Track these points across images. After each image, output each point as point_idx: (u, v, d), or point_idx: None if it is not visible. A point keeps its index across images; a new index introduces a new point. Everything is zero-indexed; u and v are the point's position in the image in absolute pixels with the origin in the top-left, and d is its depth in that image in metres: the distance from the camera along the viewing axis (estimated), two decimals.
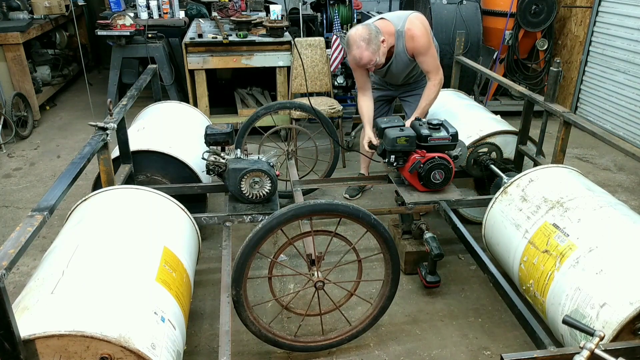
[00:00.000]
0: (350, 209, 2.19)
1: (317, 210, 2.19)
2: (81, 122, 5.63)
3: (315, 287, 2.33)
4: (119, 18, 5.16)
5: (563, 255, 2.27)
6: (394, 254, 2.36)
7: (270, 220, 2.16)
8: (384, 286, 2.46)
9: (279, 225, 2.18)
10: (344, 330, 2.50)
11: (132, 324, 1.72)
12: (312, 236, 2.30)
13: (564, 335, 2.20)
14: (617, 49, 5.07)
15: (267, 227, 2.17)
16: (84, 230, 2.14)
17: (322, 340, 2.47)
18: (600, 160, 4.77)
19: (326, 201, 2.20)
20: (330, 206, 2.18)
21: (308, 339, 2.48)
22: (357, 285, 2.50)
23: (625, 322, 1.92)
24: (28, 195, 4.08)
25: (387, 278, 2.44)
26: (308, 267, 2.39)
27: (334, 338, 2.48)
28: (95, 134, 2.57)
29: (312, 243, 2.31)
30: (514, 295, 2.33)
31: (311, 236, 2.30)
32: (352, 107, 5.77)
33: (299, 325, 2.57)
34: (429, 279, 2.87)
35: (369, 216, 2.23)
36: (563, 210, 2.43)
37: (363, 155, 3.81)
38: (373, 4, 7.46)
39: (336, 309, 2.48)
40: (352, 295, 2.49)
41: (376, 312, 2.49)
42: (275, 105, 3.66)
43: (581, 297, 2.10)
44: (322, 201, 2.20)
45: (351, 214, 2.20)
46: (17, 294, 1.90)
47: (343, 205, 2.19)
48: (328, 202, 2.20)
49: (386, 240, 2.32)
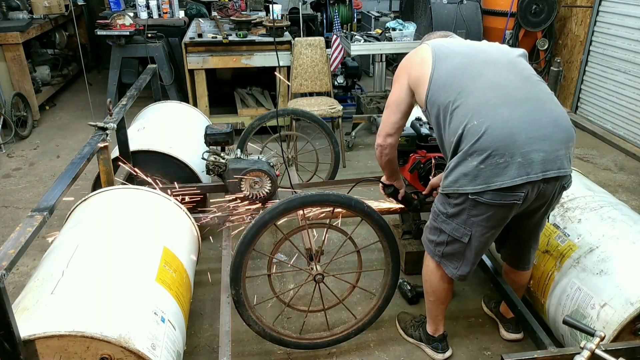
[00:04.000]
0: (342, 199, 2.19)
1: (308, 201, 2.18)
2: (81, 122, 5.62)
3: (315, 280, 2.32)
4: (118, 18, 5.16)
5: (563, 255, 2.27)
6: (392, 241, 2.34)
7: (263, 215, 2.15)
8: (386, 275, 2.45)
9: (272, 219, 2.17)
10: (350, 324, 2.48)
11: (132, 324, 1.72)
12: (307, 229, 2.28)
13: (565, 335, 2.20)
14: (617, 49, 5.07)
15: (260, 222, 2.16)
16: (84, 230, 2.14)
17: (328, 336, 2.45)
18: (600, 160, 4.76)
19: (317, 192, 2.19)
20: (322, 197, 2.18)
21: (314, 336, 2.46)
22: (359, 276, 2.48)
23: (626, 323, 1.92)
24: (27, 195, 4.08)
25: (387, 267, 2.43)
26: (307, 262, 2.39)
27: (340, 333, 2.46)
28: (95, 134, 2.57)
29: (309, 236, 2.30)
30: (514, 295, 2.33)
31: (306, 229, 2.29)
32: (352, 107, 5.77)
33: (303, 323, 2.56)
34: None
35: (361, 204, 2.22)
36: (563, 211, 2.43)
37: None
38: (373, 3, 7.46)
39: (339, 302, 2.47)
40: (355, 287, 2.48)
41: (380, 303, 2.47)
42: (269, 114, 3.69)
43: (582, 297, 2.10)
44: (313, 192, 2.19)
45: (343, 203, 2.20)
46: (17, 294, 1.90)
47: (334, 195, 2.18)
48: (319, 192, 2.19)
49: (382, 227, 2.30)
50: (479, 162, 1.88)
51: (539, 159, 1.86)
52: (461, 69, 2.03)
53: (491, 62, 2.06)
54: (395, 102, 2.19)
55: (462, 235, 2.06)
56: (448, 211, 2.07)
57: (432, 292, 2.33)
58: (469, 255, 2.12)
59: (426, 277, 2.33)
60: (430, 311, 2.42)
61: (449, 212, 2.07)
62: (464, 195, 1.97)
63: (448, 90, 1.99)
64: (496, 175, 1.87)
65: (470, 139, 1.90)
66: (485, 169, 1.88)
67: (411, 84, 2.14)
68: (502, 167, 1.86)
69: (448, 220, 2.09)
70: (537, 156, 1.86)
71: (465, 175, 1.93)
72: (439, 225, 2.14)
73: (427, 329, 2.47)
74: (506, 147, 1.85)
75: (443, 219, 2.11)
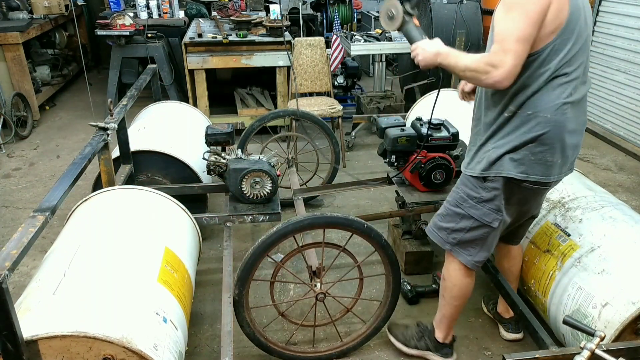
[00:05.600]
0: (364, 228, 2.26)
1: (333, 222, 2.26)
2: (81, 122, 5.62)
3: (317, 298, 2.35)
4: (118, 18, 5.16)
5: (564, 255, 2.27)
6: (397, 277, 2.38)
7: (286, 226, 2.19)
8: (381, 307, 2.48)
9: (293, 232, 2.22)
10: (335, 345, 2.51)
11: (134, 324, 1.72)
12: (322, 247, 2.32)
13: (566, 335, 2.20)
14: (617, 49, 5.08)
15: (281, 231, 2.20)
16: (85, 230, 2.14)
17: (311, 352, 2.49)
18: (600, 160, 4.77)
19: (342, 215, 2.26)
20: (346, 221, 2.25)
21: (298, 349, 2.50)
22: (355, 302, 2.52)
23: (627, 322, 1.93)
24: (27, 196, 4.08)
25: (385, 300, 2.46)
26: (310, 276, 2.40)
27: (323, 351, 2.49)
28: (96, 134, 2.57)
29: (322, 254, 2.32)
30: (515, 295, 2.33)
31: (321, 247, 2.32)
32: (352, 107, 5.77)
33: (292, 334, 2.57)
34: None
35: (380, 237, 2.29)
36: (564, 210, 2.43)
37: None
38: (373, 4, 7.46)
39: (331, 322, 2.49)
40: (349, 311, 2.51)
41: (369, 332, 2.50)
42: (269, 115, 3.69)
43: (583, 296, 2.10)
44: (339, 215, 2.26)
45: (364, 232, 2.27)
46: (18, 295, 1.90)
47: (357, 222, 2.25)
48: (344, 216, 2.26)
49: (392, 263, 2.35)
50: (532, 153, 1.87)
51: (572, 159, 1.98)
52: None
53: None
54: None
55: (493, 220, 2.02)
56: (482, 195, 2.00)
57: (460, 296, 2.23)
58: (491, 240, 2.10)
59: (454, 281, 2.21)
60: (449, 317, 2.31)
61: (483, 196, 1.99)
62: (504, 179, 1.94)
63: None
64: (539, 168, 1.90)
65: (541, 128, 1.84)
66: (534, 160, 1.89)
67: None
68: (548, 165, 1.90)
69: (478, 206, 2.02)
70: (572, 157, 1.97)
71: (513, 161, 1.89)
72: (466, 210, 2.06)
73: (437, 337, 2.39)
74: (562, 149, 1.90)
75: (472, 204, 2.03)
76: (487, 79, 1.75)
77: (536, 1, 1.70)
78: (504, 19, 1.74)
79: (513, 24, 1.71)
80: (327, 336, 2.64)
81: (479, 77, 1.78)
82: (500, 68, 1.71)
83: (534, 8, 1.69)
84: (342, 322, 2.61)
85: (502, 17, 1.75)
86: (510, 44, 1.70)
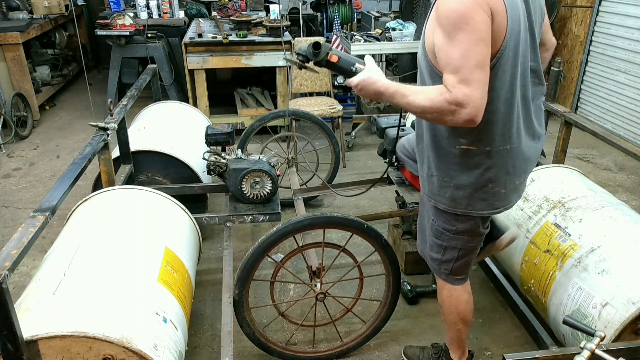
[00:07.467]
0: (364, 228, 2.27)
1: (333, 222, 2.26)
2: (81, 122, 5.62)
3: (317, 298, 2.35)
4: (118, 18, 5.16)
5: (565, 255, 2.27)
6: (397, 277, 2.38)
7: (286, 226, 2.20)
8: (381, 307, 2.49)
9: (293, 231, 2.22)
10: (335, 345, 2.51)
11: (134, 324, 1.72)
12: (322, 247, 2.32)
13: (566, 335, 2.20)
14: (617, 49, 5.07)
15: (281, 231, 2.20)
16: (85, 230, 2.14)
17: (311, 352, 2.49)
18: (600, 160, 4.77)
19: (342, 215, 2.27)
20: (346, 221, 2.26)
21: (298, 349, 2.50)
22: (355, 302, 2.52)
23: (628, 322, 1.92)
24: (27, 196, 4.08)
25: (385, 300, 2.47)
26: (310, 276, 2.40)
27: (323, 351, 2.49)
28: (96, 134, 2.57)
29: (322, 254, 2.32)
30: (515, 295, 2.33)
31: (321, 247, 2.32)
32: (352, 107, 5.77)
33: (292, 334, 2.58)
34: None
35: (380, 237, 2.29)
36: (565, 210, 2.43)
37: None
38: (373, 4, 7.45)
39: (331, 322, 2.50)
40: (349, 311, 2.51)
41: (369, 332, 2.51)
42: (269, 115, 3.69)
43: (583, 297, 2.10)
44: (339, 215, 2.27)
45: (364, 232, 2.28)
46: (18, 295, 1.90)
47: (357, 222, 2.26)
48: (344, 216, 2.26)
49: (392, 263, 2.35)
50: (498, 187, 1.78)
51: (530, 169, 1.93)
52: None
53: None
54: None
55: (478, 242, 1.98)
56: (457, 227, 1.89)
57: (461, 319, 2.12)
58: (473, 258, 2.05)
59: (451, 307, 2.09)
60: (457, 339, 2.20)
61: (459, 228, 1.89)
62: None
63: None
64: (499, 199, 1.83)
65: (507, 159, 1.73)
66: (497, 192, 1.80)
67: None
68: (506, 193, 1.83)
69: (458, 236, 1.92)
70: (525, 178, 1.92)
71: (482, 200, 1.79)
72: (447, 243, 1.95)
73: (453, 357, 2.27)
74: (523, 176, 1.85)
75: (451, 236, 1.93)
76: (456, 119, 1.49)
77: (483, 16, 1.45)
78: (448, 44, 1.48)
79: (464, 48, 1.45)
80: (327, 336, 2.64)
81: (443, 119, 1.52)
82: (467, 105, 1.45)
83: (483, 26, 1.46)
84: (342, 322, 2.61)
85: (446, 42, 1.49)
86: (469, 73, 1.45)
